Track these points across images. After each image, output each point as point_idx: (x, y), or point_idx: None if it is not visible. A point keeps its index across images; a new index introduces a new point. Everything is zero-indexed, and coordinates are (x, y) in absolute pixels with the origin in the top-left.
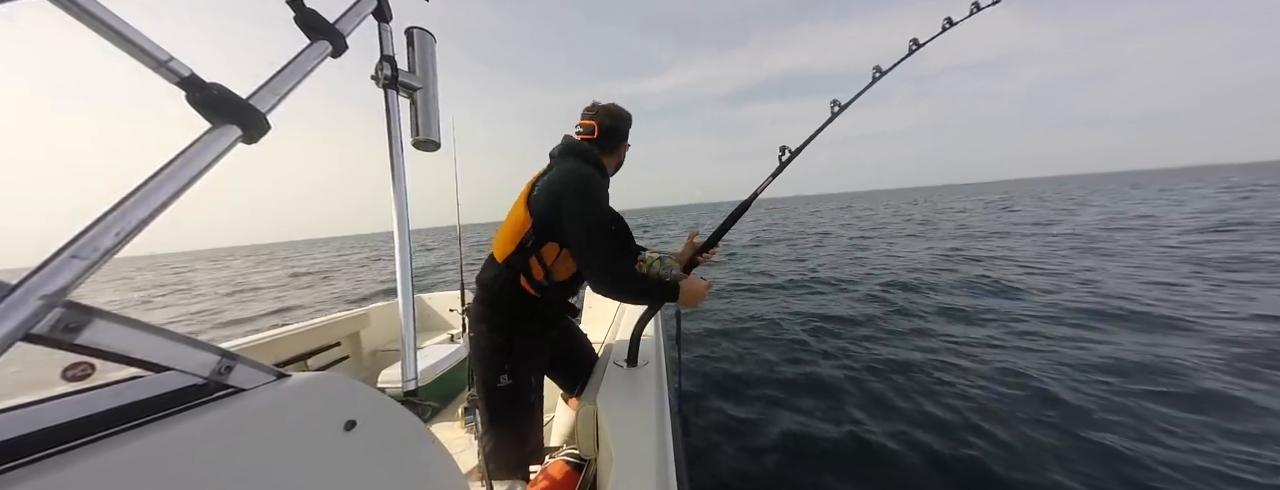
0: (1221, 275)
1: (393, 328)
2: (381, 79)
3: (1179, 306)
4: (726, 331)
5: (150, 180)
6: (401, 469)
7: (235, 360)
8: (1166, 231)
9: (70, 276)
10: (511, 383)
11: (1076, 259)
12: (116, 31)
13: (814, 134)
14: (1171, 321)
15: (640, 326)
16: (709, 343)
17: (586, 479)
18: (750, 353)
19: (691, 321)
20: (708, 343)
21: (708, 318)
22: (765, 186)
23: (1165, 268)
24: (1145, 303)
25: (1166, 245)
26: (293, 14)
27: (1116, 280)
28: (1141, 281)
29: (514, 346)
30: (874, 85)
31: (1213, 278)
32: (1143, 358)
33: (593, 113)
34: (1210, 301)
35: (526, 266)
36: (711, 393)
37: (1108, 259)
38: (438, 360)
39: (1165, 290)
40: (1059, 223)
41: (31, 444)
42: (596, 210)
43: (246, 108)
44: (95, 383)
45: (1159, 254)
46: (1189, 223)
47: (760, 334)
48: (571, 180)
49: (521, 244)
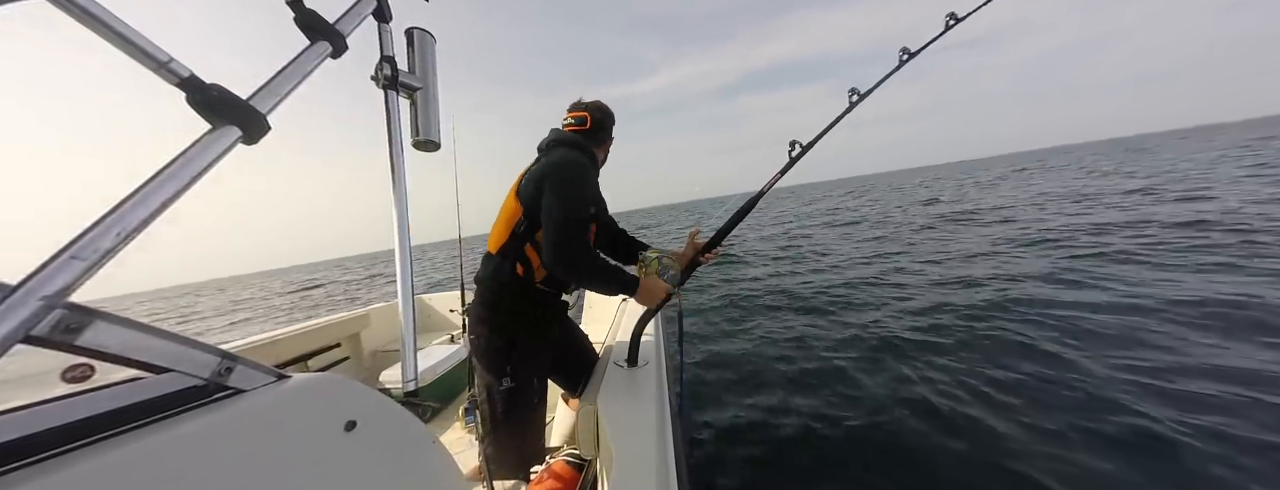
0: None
1: (393, 328)
2: (381, 79)
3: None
4: (727, 331)
5: (150, 181)
6: (401, 469)
7: (235, 361)
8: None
9: (70, 277)
10: (514, 385)
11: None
12: (116, 32)
13: (829, 126)
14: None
15: (640, 327)
16: (710, 343)
17: (587, 479)
18: (751, 353)
19: (691, 321)
20: (708, 343)
21: (709, 317)
22: (774, 182)
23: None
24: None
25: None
26: (293, 15)
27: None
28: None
29: (516, 348)
30: (901, 69)
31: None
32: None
33: (582, 106)
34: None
35: (522, 254)
36: (712, 393)
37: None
38: (438, 361)
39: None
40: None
41: (32, 445)
42: (576, 192)
43: (246, 108)
44: (95, 384)
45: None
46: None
47: (760, 334)
48: (561, 164)
49: (514, 231)
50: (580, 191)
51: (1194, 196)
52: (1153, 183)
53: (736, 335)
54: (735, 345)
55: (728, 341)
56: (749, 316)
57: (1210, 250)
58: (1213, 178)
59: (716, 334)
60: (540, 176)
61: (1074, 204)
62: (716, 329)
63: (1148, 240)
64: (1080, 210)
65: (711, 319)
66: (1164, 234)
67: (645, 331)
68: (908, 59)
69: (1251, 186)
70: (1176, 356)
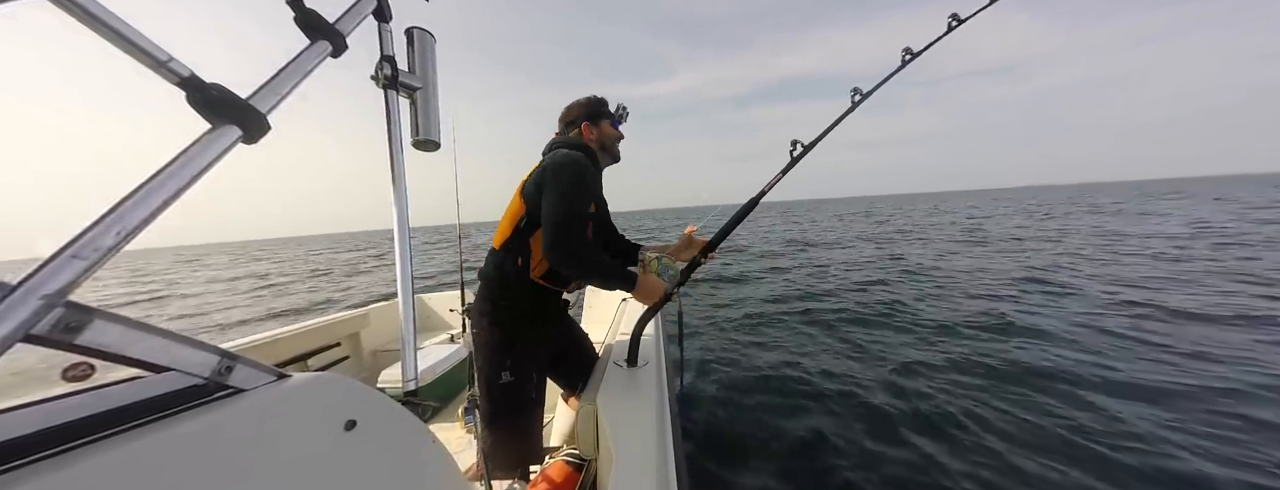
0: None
1: (393, 328)
2: (381, 79)
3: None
4: (728, 332)
5: (150, 180)
6: (401, 469)
7: (235, 361)
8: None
9: (70, 276)
10: (513, 380)
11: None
12: (116, 32)
13: (831, 126)
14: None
15: (640, 326)
16: (710, 343)
17: (586, 479)
18: (752, 353)
19: (692, 321)
20: (708, 343)
21: (710, 317)
22: (775, 182)
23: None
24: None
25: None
26: (293, 14)
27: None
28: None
29: (516, 343)
30: (902, 70)
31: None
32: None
33: (566, 108)
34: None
35: (524, 247)
36: (712, 393)
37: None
38: (438, 360)
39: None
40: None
41: (32, 444)
42: (575, 188)
43: (246, 108)
44: (95, 383)
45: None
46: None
47: (761, 334)
48: (561, 161)
49: (517, 227)
50: (578, 188)
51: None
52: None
53: (739, 336)
54: (737, 346)
55: (729, 342)
56: (753, 319)
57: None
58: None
59: (718, 334)
60: (541, 175)
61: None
62: (717, 328)
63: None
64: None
65: (715, 321)
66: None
67: (645, 331)
68: (911, 58)
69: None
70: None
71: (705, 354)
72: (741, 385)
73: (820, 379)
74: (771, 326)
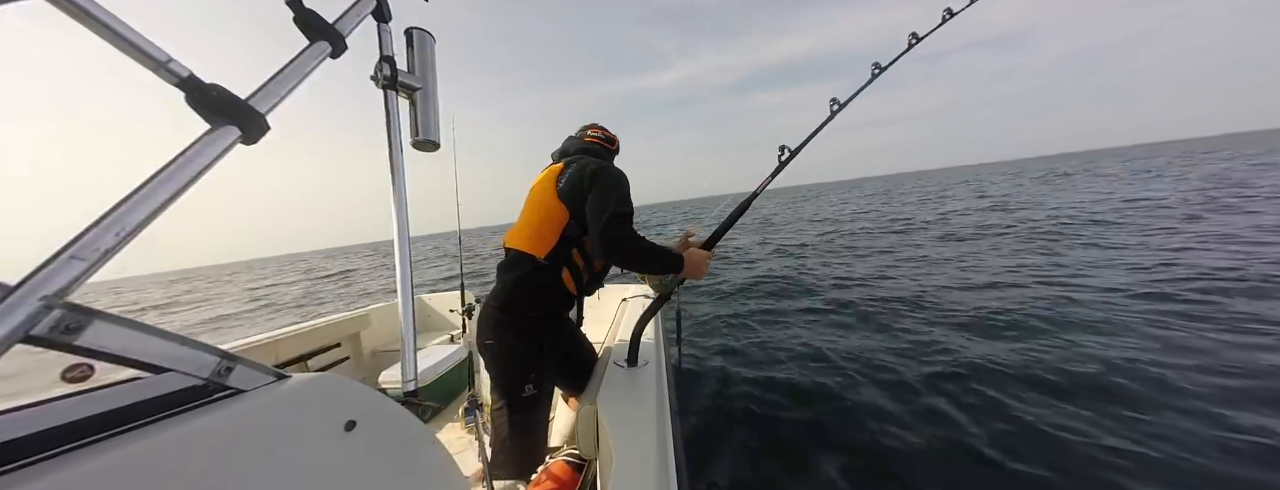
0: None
1: (393, 328)
2: (381, 79)
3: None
4: (728, 332)
5: (150, 181)
6: (401, 469)
7: (235, 361)
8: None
9: (70, 277)
10: (536, 392)
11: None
12: (116, 32)
13: (812, 133)
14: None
15: (640, 327)
16: (710, 343)
17: (587, 479)
18: (753, 353)
19: (692, 320)
20: (710, 343)
21: (711, 317)
22: (765, 186)
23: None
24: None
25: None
26: (292, 14)
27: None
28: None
29: (543, 354)
30: (873, 81)
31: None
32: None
33: (602, 130)
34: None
35: (570, 258)
36: (712, 392)
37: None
38: (438, 361)
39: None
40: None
41: (32, 445)
42: (622, 191)
43: (246, 108)
44: (95, 384)
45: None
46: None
47: (761, 334)
48: (606, 167)
49: (564, 234)
50: (625, 191)
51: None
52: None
53: (740, 336)
54: (738, 346)
55: (730, 342)
56: (754, 316)
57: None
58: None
59: (718, 335)
60: (584, 179)
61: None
62: (718, 330)
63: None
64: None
65: (713, 319)
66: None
67: (645, 332)
68: (879, 72)
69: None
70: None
71: (705, 354)
72: (742, 385)
73: (825, 377)
74: (772, 326)
